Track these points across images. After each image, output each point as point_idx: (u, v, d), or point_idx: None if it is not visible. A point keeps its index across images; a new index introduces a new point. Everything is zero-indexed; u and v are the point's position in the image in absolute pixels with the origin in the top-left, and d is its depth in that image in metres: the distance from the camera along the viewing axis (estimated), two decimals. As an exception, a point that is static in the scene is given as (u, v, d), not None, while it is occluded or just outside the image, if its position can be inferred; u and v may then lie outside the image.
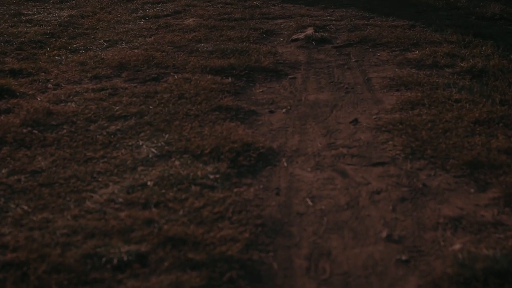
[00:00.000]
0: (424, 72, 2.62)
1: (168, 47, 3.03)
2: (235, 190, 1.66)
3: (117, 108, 2.24)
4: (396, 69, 2.68)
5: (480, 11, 3.59)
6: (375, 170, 1.79)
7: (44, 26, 3.52)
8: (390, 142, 1.96)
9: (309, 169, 1.81)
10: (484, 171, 1.74)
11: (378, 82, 2.54)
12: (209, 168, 1.77)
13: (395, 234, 1.46)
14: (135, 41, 3.21)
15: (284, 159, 1.87)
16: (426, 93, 2.35)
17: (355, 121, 2.15)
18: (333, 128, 2.11)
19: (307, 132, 2.08)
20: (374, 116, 2.18)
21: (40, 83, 2.57)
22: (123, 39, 3.26)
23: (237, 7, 3.94)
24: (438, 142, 1.93)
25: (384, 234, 1.46)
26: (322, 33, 3.19)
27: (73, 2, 4.19)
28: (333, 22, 3.47)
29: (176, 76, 2.58)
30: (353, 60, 2.83)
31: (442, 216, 1.53)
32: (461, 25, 3.29)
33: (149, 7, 4.05)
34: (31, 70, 2.74)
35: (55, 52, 3.04)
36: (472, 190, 1.66)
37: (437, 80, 2.49)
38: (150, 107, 2.25)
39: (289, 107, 2.30)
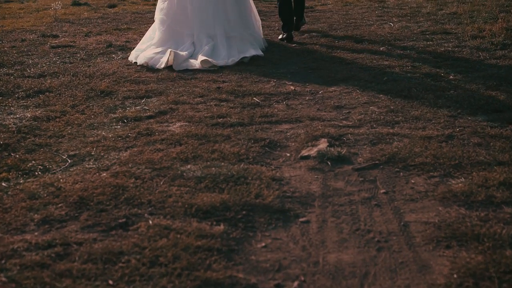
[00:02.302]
0: (478, 214, 2.07)
1: (146, 170, 2.49)
2: None
3: (62, 286, 1.66)
4: (440, 208, 2.13)
5: (528, 115, 3.08)
6: None
7: (-1, 133, 3.00)
8: None
9: None
10: None
11: (419, 230, 1.98)
12: None
13: None
14: (106, 157, 2.68)
15: None
16: (488, 256, 1.79)
17: (398, 310, 1.58)
18: (367, 322, 1.52)
19: (330, 330, 1.50)
20: (423, 300, 1.61)
21: (-30, 232, 2.01)
22: (92, 153, 2.73)
23: (233, 105, 3.44)
24: None
25: None
26: (339, 148, 2.66)
27: (42, 97, 3.70)
28: (351, 129, 2.95)
29: (151, 222, 2.03)
30: (381, 192, 2.28)
31: None
32: (510, 136, 2.77)
33: (130, 103, 3.56)
34: (-35, 207, 2.19)
35: (4, 175, 2.51)
36: None
37: (498, 230, 1.94)
38: (110, 282, 1.68)
39: (302, 278, 1.73)
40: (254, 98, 3.56)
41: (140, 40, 5.21)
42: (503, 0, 7.41)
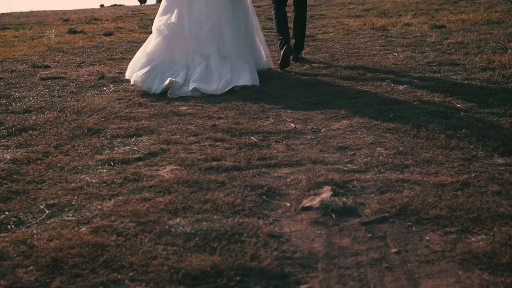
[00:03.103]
0: (503, 281, 1.83)
1: (130, 224, 2.26)
2: None
3: None
4: (460, 272, 1.90)
5: (549, 158, 2.86)
6: None
7: (-26, 178, 2.79)
8: None
9: None
10: None
11: (438, 302, 1.75)
12: None
13: None
14: (87, 207, 2.46)
15: None
16: (521, 337, 1.55)
17: None
18: None
19: None
20: None
21: None
22: (73, 202, 2.52)
23: (229, 145, 3.23)
24: None
25: None
26: (344, 198, 2.44)
27: (25, 135, 3.49)
28: (356, 174, 2.74)
29: (131, 291, 1.80)
30: (392, 251, 2.05)
31: None
32: (531, 184, 2.55)
33: (118, 143, 3.35)
34: None
35: (-28, 229, 2.28)
36: None
37: (529, 303, 1.70)
38: None
39: None
40: (251, 138, 3.35)
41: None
42: (511, 29, 7.26)
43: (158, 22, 5.04)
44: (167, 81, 4.60)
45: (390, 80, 4.77)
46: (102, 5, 31.05)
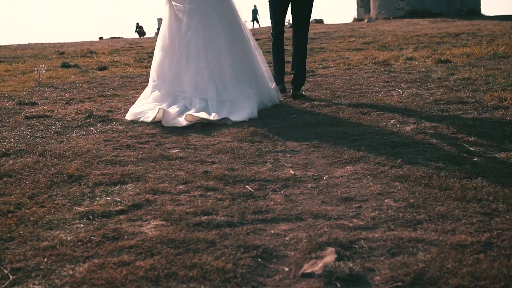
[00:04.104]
0: None
1: (103, 295, 1.98)
2: None
3: None
4: None
5: None
6: None
7: None
8: None
9: None
10: None
11: None
12: None
13: None
14: (57, 272, 2.17)
15: None
16: None
17: None
18: None
19: None
20: None
21: None
22: (42, 266, 2.23)
23: (222, 196, 2.95)
24: None
25: None
26: (350, 263, 2.16)
27: (-2, 183, 3.22)
28: (363, 232, 2.45)
29: None
30: (409, 332, 1.76)
31: None
32: None
33: (100, 192, 3.07)
34: None
35: None
36: None
37: None
38: None
39: None
40: (246, 186, 3.08)
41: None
42: (519, 64, 7.06)
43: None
44: (156, 109, 4.69)
45: (396, 120, 4.53)
46: (101, 38, 31.15)
